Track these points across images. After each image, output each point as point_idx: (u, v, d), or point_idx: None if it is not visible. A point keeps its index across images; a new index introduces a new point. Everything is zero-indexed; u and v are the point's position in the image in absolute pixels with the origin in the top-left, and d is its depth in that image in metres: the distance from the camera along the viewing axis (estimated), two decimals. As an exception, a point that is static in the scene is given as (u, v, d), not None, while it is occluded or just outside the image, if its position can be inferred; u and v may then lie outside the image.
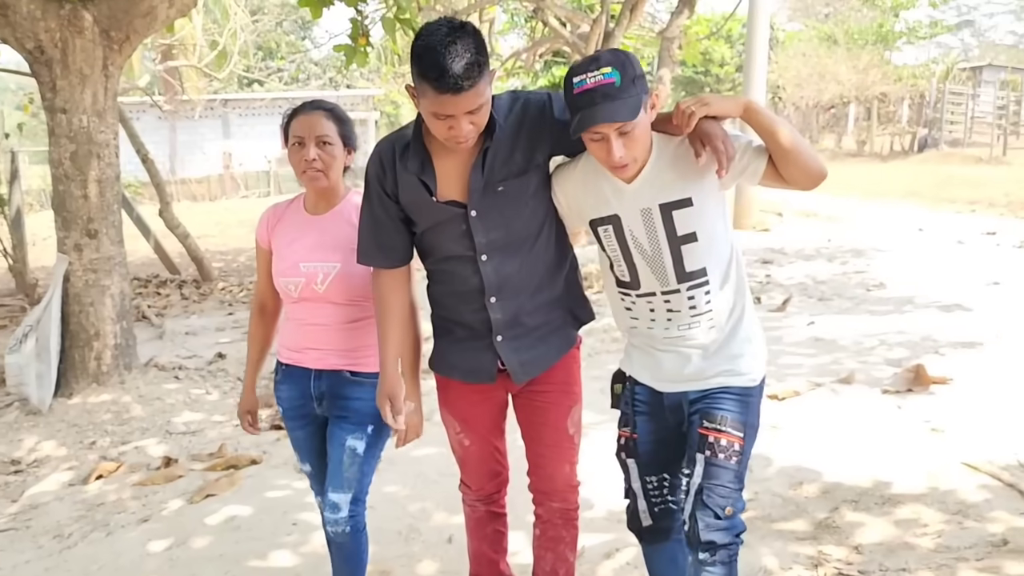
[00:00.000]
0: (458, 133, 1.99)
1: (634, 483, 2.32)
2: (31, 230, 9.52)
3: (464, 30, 1.92)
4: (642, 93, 1.94)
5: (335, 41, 7.44)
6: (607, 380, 2.42)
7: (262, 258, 2.58)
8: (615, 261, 2.19)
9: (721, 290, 2.14)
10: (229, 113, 29.08)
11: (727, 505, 2.08)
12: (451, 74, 1.87)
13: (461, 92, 1.89)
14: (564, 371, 2.39)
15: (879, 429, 4.32)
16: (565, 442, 2.40)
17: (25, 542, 3.51)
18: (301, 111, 2.41)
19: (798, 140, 2.00)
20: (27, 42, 4.88)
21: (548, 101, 2.16)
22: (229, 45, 17.62)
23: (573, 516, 2.48)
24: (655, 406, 2.25)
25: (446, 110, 1.94)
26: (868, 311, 7.30)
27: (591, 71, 1.92)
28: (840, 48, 29.37)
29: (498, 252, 2.19)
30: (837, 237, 12.01)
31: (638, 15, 10.07)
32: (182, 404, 5.23)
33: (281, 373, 2.58)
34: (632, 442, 2.29)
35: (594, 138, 1.97)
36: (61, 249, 5.19)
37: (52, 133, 5.08)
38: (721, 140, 1.96)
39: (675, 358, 2.18)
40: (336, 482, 2.48)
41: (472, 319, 2.28)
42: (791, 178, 2.04)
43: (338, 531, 2.49)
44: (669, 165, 2.07)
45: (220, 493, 3.87)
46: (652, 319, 2.19)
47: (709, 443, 2.10)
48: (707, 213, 2.09)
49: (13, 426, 4.84)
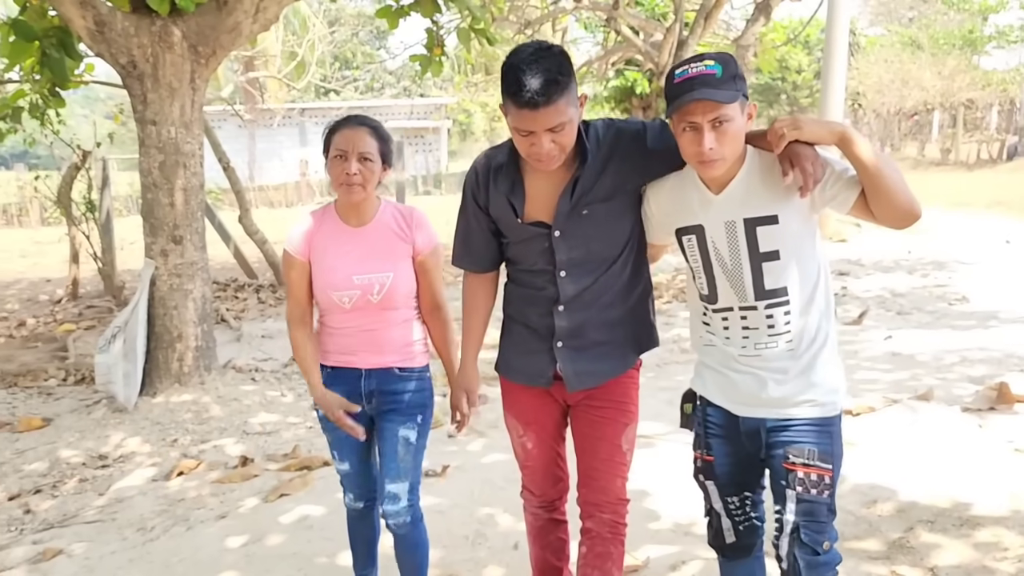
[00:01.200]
0: (539, 150, 2.05)
1: (715, 503, 2.31)
2: (119, 234, 9.92)
3: (550, 51, 2.01)
4: (741, 92, 1.95)
5: (410, 51, 7.59)
6: (675, 391, 2.43)
7: (299, 270, 2.55)
8: (696, 273, 2.19)
9: (804, 312, 2.10)
10: (306, 122, 29.85)
11: (823, 540, 2.09)
12: (529, 89, 1.95)
13: (538, 108, 1.97)
14: (622, 390, 2.42)
15: (958, 448, 4.18)
16: (618, 457, 2.42)
17: (111, 533, 3.68)
18: (345, 125, 2.47)
19: (894, 178, 1.94)
20: (121, 57, 5.12)
21: (643, 130, 2.20)
22: (307, 56, 18.11)
23: (621, 531, 2.47)
24: (730, 429, 2.22)
25: (526, 125, 2.01)
26: (949, 326, 7.07)
27: (694, 63, 1.95)
28: (924, 53, 28.52)
29: (576, 269, 2.27)
30: (918, 249, 11.64)
31: (712, 23, 9.99)
32: (258, 405, 5.40)
33: (327, 376, 2.63)
34: (708, 464, 2.27)
35: (686, 127, 1.96)
36: (148, 254, 5.41)
37: (142, 144, 5.32)
38: (810, 162, 1.94)
39: (751, 380, 2.15)
40: (393, 473, 2.57)
41: (538, 323, 2.37)
42: (881, 215, 1.98)
43: (399, 522, 2.58)
44: (759, 180, 2.06)
45: (294, 493, 3.99)
46: (727, 336, 2.17)
47: (799, 479, 2.08)
48: (793, 232, 2.06)
49: (101, 423, 5.07)
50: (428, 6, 5.78)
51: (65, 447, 4.71)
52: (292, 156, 29.05)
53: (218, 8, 5.19)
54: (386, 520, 2.62)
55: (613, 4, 10.48)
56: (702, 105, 1.91)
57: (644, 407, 2.56)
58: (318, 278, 2.54)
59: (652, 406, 4.82)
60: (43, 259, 13.54)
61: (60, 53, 5.82)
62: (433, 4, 5.79)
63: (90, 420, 5.12)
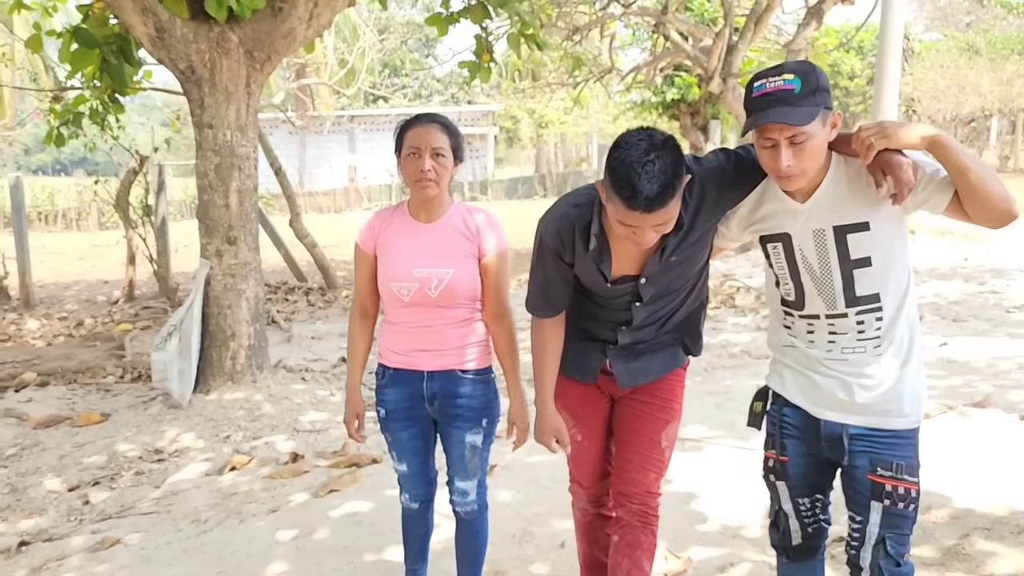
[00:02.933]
0: (641, 240, 2.03)
1: (784, 504, 2.27)
2: (173, 238, 10.16)
3: (665, 147, 1.93)
4: (821, 106, 1.90)
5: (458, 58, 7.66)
6: (722, 396, 2.43)
7: (365, 263, 2.63)
8: (781, 279, 2.15)
9: (894, 319, 2.06)
10: (355, 128, 30.24)
11: (905, 552, 2.08)
12: (644, 196, 1.89)
13: (652, 212, 1.93)
14: (668, 388, 2.44)
15: (1015, 456, 4.08)
16: (655, 452, 2.43)
17: (166, 525, 3.77)
18: (416, 123, 2.50)
19: (988, 179, 1.89)
20: (180, 63, 5.27)
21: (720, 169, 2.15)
22: (357, 63, 18.36)
23: (652, 521, 2.46)
24: (808, 431, 2.17)
25: (633, 223, 1.97)
26: (1007, 333, 6.89)
27: (772, 76, 1.91)
28: (982, 58, 27.85)
29: (654, 302, 2.30)
30: (975, 256, 11.35)
31: (763, 27, 9.89)
32: (308, 404, 5.48)
33: (388, 377, 2.65)
34: (781, 464, 2.23)
35: (764, 144, 1.93)
36: (204, 254, 5.54)
37: (199, 147, 5.45)
38: (903, 169, 1.89)
39: (836, 384, 2.10)
40: (461, 473, 2.66)
41: (598, 335, 2.41)
42: (976, 216, 1.93)
43: (467, 510, 2.71)
44: (846, 187, 2.00)
45: (343, 489, 4.05)
46: (811, 340, 2.14)
47: (887, 492, 2.05)
48: (885, 238, 2.01)
49: (157, 418, 5.20)
50: (478, 12, 5.83)
51: (122, 441, 4.84)
52: (341, 162, 29.44)
53: (273, 15, 5.30)
54: (454, 507, 2.73)
55: (662, 9, 10.44)
56: (778, 125, 1.88)
57: (692, 410, 2.57)
58: (382, 270, 2.58)
59: (699, 410, 4.80)
60: (101, 262, 13.93)
61: (120, 60, 6.01)
62: (483, 10, 5.83)
63: (146, 416, 5.25)
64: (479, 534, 2.77)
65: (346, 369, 6.24)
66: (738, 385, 5.36)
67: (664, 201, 1.91)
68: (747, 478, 3.56)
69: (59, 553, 3.50)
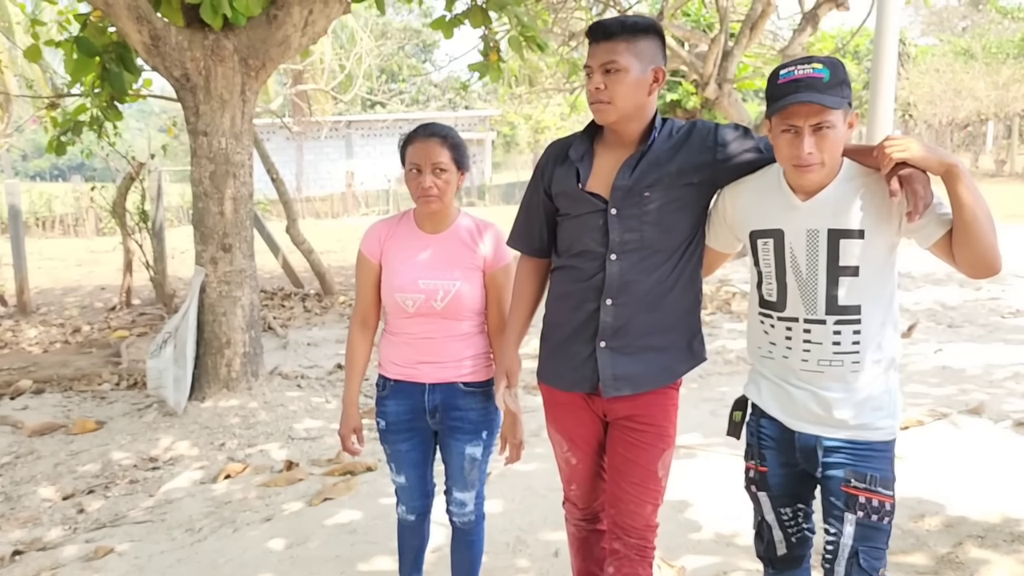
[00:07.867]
0: (591, 87, 2.18)
1: (767, 515, 2.28)
2: (170, 244, 10.13)
3: (642, 19, 2.21)
4: (846, 100, 1.93)
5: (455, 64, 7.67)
6: (717, 403, 2.42)
7: (368, 272, 2.63)
8: (765, 278, 2.15)
9: (873, 336, 2.05)
10: (352, 134, 30.25)
11: (880, 566, 2.07)
12: (599, 24, 2.16)
13: (599, 42, 2.15)
14: (662, 414, 2.34)
15: (1009, 463, 4.09)
16: (652, 483, 2.35)
17: (160, 533, 3.77)
18: (417, 137, 2.49)
19: (985, 224, 1.88)
20: (175, 70, 5.27)
21: (715, 129, 2.24)
22: (355, 69, 18.38)
23: (649, 554, 2.41)
24: (784, 442, 2.18)
25: (590, 63, 2.18)
26: (1002, 339, 6.91)
27: (801, 64, 1.94)
28: (978, 62, 27.92)
29: (628, 255, 2.24)
30: (970, 261, 11.37)
31: (758, 33, 9.92)
32: (303, 411, 5.48)
33: (389, 389, 2.64)
34: (761, 475, 2.24)
35: (786, 130, 1.94)
36: (199, 262, 5.54)
37: (194, 154, 5.46)
38: (922, 186, 1.90)
39: (810, 397, 2.10)
40: (460, 485, 2.68)
41: (582, 319, 2.30)
42: (962, 260, 1.93)
43: (465, 520, 2.73)
44: (852, 193, 2.01)
45: (337, 497, 4.04)
46: (788, 347, 2.12)
47: (861, 504, 2.05)
48: (876, 252, 2.01)
49: (151, 426, 5.19)
50: (478, 16, 5.87)
51: (117, 449, 4.84)
52: (338, 168, 29.45)
53: (268, 22, 5.31)
54: (451, 517, 2.75)
55: (658, 14, 10.46)
56: (805, 108, 1.89)
57: (687, 417, 2.56)
58: (386, 280, 2.58)
59: (694, 417, 4.80)
60: (98, 268, 13.92)
61: (119, 68, 6.02)
62: (483, 14, 5.86)
63: (141, 423, 5.25)
64: (475, 544, 2.78)
65: (342, 376, 6.30)
66: (733, 392, 5.30)
67: (613, 32, 2.13)
68: (741, 486, 3.55)
69: (52, 562, 3.50)
